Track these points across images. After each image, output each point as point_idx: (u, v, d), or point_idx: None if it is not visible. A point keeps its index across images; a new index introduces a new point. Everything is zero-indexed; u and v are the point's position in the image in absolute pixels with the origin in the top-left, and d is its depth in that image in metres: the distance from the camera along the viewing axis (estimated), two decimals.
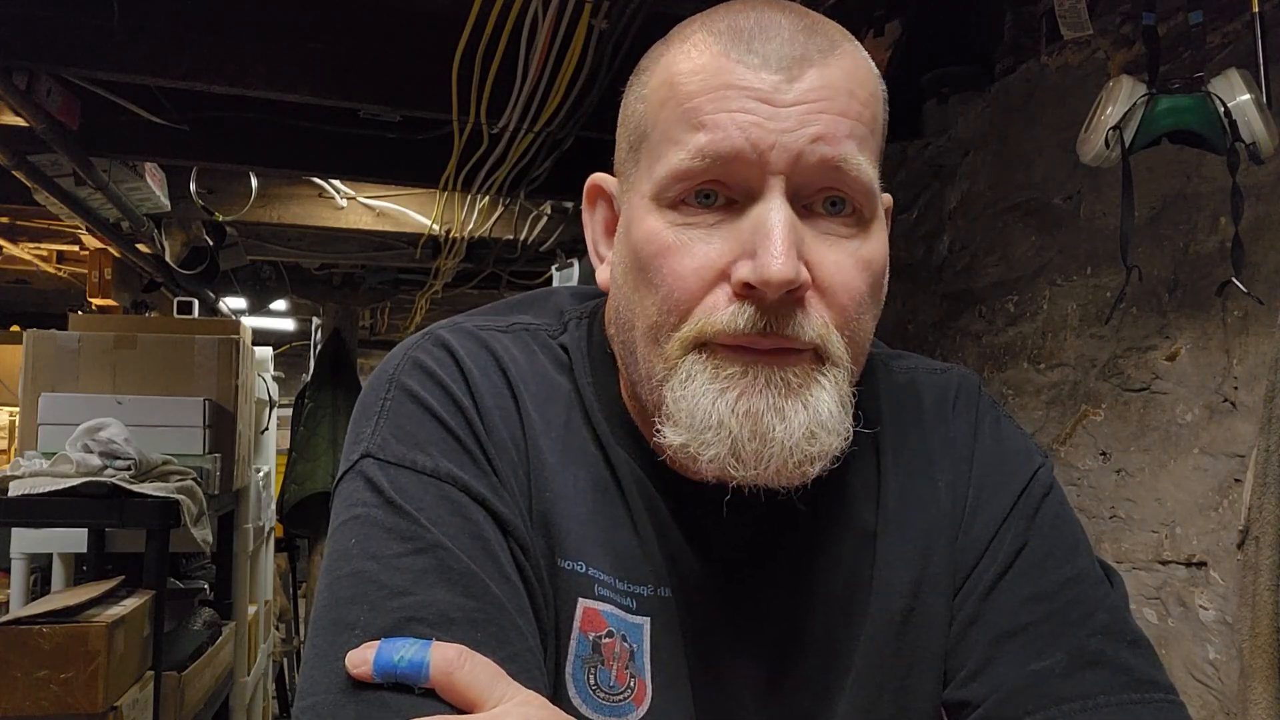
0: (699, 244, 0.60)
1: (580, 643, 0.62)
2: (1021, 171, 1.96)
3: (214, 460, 2.85)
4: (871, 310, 0.63)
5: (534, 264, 4.33)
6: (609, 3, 2.01)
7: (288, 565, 5.74)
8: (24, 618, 2.02)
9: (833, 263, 0.60)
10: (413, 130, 2.84)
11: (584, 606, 0.62)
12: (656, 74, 0.64)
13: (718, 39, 0.61)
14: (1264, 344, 1.40)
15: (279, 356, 6.22)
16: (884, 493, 0.69)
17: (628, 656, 0.62)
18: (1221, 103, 1.32)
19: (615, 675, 0.61)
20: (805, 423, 0.59)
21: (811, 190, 0.60)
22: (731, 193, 0.60)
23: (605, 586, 0.63)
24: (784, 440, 0.58)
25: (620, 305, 0.66)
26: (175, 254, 3.81)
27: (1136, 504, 1.64)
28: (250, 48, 2.28)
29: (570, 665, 0.61)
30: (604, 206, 0.71)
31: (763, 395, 0.59)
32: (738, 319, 0.58)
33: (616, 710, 0.61)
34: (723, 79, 0.59)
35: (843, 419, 0.60)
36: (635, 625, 0.63)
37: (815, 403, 0.59)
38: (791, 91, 0.58)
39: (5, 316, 5.80)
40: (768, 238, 0.57)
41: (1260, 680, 1.23)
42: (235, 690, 3.30)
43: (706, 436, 0.59)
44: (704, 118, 0.59)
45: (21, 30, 2.13)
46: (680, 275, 0.60)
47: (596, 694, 0.61)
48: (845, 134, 0.59)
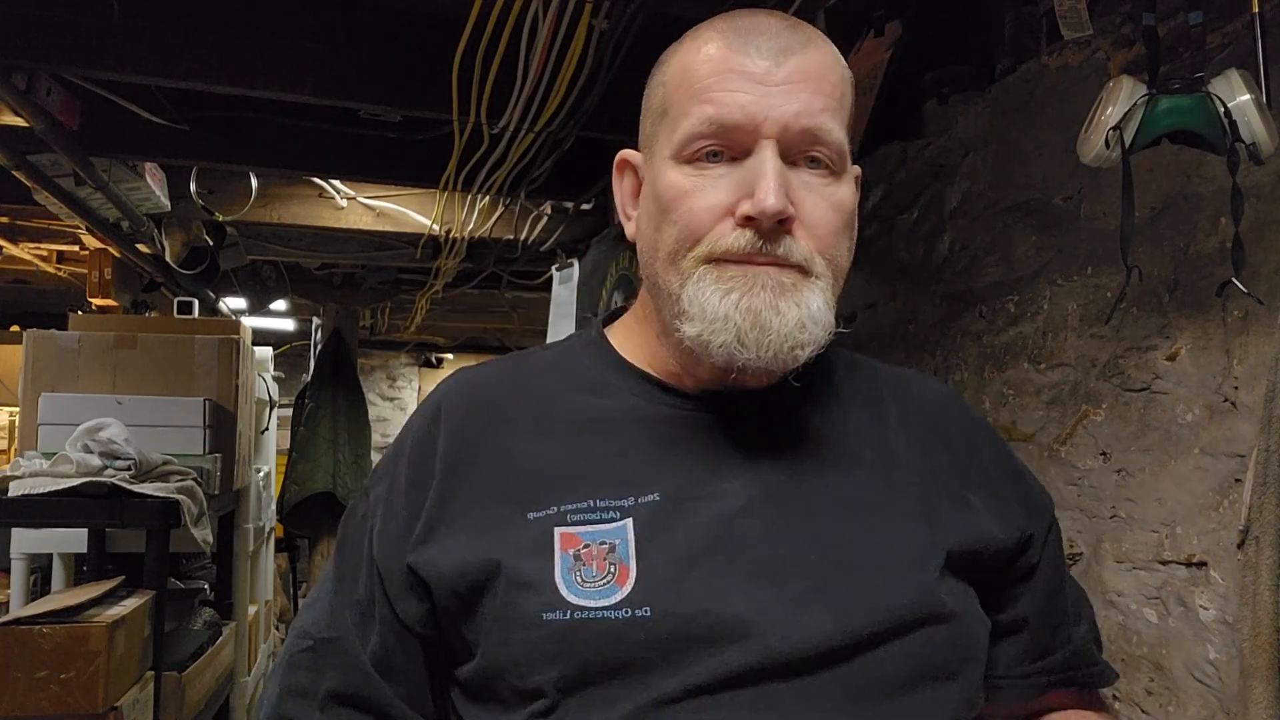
0: (709, 188, 0.76)
1: (563, 558, 0.74)
2: (1022, 171, 1.96)
3: (214, 460, 2.85)
4: (845, 243, 0.79)
5: (534, 264, 4.32)
6: (609, 3, 2.01)
7: (288, 565, 5.74)
8: (24, 618, 2.02)
9: (813, 204, 0.76)
10: (413, 130, 2.84)
11: (560, 533, 0.75)
12: (674, 64, 0.81)
13: (722, 35, 0.78)
14: (1264, 344, 1.40)
15: (279, 356, 6.22)
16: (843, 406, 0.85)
17: (606, 551, 0.73)
18: (1221, 103, 1.31)
19: (596, 567, 0.73)
20: (798, 316, 0.74)
21: (796, 151, 0.76)
22: (734, 152, 0.76)
23: (579, 512, 0.75)
24: (780, 329, 0.73)
25: (645, 246, 0.82)
26: (175, 254, 3.81)
27: (1137, 504, 1.64)
28: (250, 48, 2.27)
29: (559, 573, 0.73)
30: (630, 175, 0.87)
31: (760, 295, 0.74)
32: (740, 240, 0.74)
33: (601, 594, 0.72)
34: (726, 65, 0.76)
35: (827, 314, 0.76)
36: (616, 529, 0.74)
37: (806, 301, 0.74)
38: (778, 74, 0.75)
39: (5, 316, 5.79)
40: (763, 179, 0.73)
41: (1260, 680, 1.23)
42: (236, 690, 3.30)
43: (715, 327, 0.74)
44: (712, 95, 0.76)
45: (21, 30, 2.13)
46: (695, 211, 0.76)
47: (582, 585, 0.72)
48: (820, 108, 0.76)
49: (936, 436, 0.85)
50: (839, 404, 0.85)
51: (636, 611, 0.70)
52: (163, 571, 2.46)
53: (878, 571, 0.74)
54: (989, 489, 0.83)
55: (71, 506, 2.32)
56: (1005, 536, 0.81)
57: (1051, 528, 0.87)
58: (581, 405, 0.82)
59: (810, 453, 0.80)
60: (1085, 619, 0.88)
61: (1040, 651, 0.84)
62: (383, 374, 9.16)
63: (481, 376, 0.88)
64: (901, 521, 0.78)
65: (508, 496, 0.77)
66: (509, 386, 0.85)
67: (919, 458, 0.83)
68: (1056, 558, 0.86)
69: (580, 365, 0.86)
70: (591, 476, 0.77)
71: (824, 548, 0.75)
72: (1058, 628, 0.85)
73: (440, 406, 0.84)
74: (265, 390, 3.87)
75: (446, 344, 8.51)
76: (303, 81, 2.32)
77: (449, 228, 3.90)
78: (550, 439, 0.80)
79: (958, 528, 0.79)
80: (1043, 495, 0.89)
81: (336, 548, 0.85)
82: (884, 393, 0.87)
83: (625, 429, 0.80)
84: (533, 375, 0.87)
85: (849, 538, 0.76)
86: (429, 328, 7.17)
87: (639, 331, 0.86)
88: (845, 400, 0.85)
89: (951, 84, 2.22)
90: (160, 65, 2.23)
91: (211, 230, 3.90)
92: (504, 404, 0.83)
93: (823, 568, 0.74)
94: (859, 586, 0.73)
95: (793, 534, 0.75)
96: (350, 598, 0.80)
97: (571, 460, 0.79)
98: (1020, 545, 0.82)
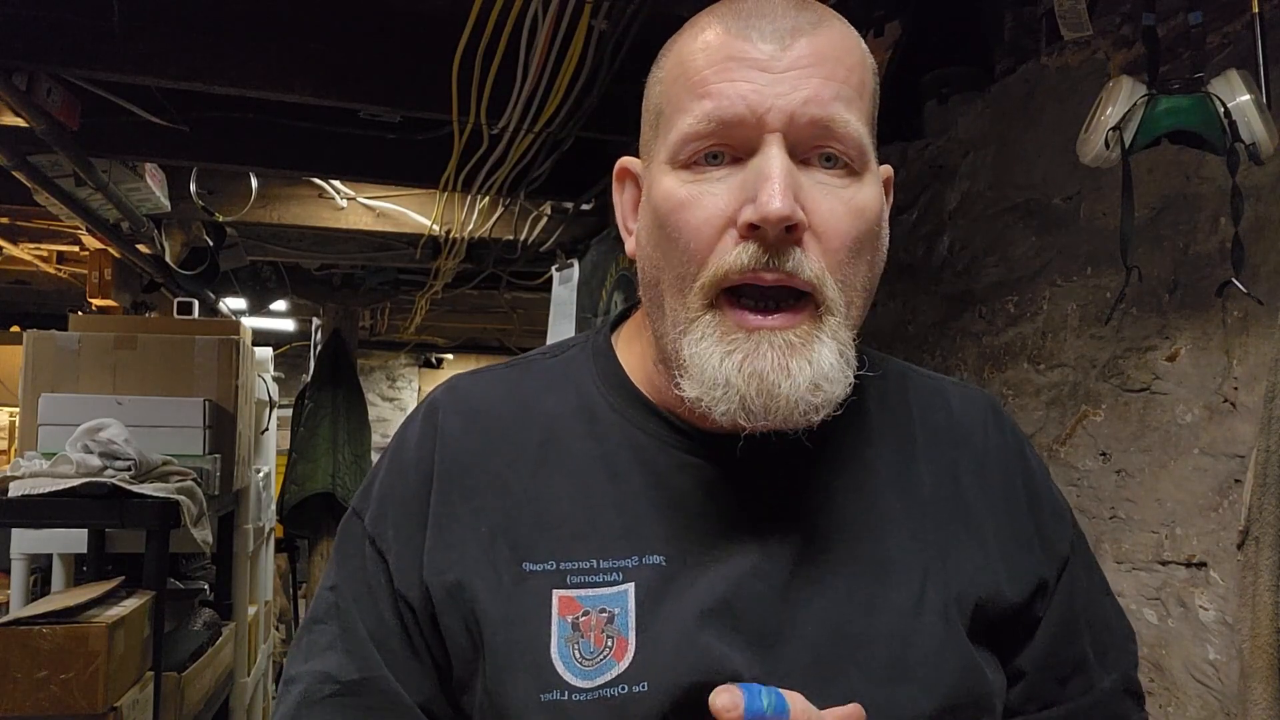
0: (708, 197, 0.67)
1: (561, 626, 0.68)
2: (1021, 172, 1.96)
3: (214, 461, 2.84)
4: (866, 257, 0.69)
5: (534, 264, 4.32)
6: (609, 3, 2.01)
7: (288, 566, 5.74)
8: (24, 618, 2.02)
9: (827, 209, 0.66)
10: (413, 130, 2.84)
11: (558, 596, 0.69)
12: (670, 58, 0.72)
13: (720, 20, 0.69)
14: (1264, 344, 1.40)
15: (279, 357, 6.22)
16: (875, 450, 0.77)
17: (604, 622, 0.68)
18: (1221, 103, 1.31)
19: (594, 640, 0.68)
20: (810, 377, 0.65)
21: (807, 146, 0.66)
22: (736, 152, 0.67)
23: (579, 574, 0.69)
24: (789, 394, 0.65)
25: (646, 266, 0.72)
26: (175, 254, 3.82)
27: (1136, 504, 1.64)
28: (250, 48, 2.27)
29: (555, 647, 0.68)
30: (630, 185, 0.78)
31: (766, 357, 0.65)
32: (743, 256, 0.65)
33: (598, 670, 0.67)
34: (725, 53, 0.67)
35: (843, 368, 0.67)
36: (617, 594, 0.69)
37: (818, 359, 0.65)
38: (784, 59, 0.66)
39: (5, 317, 5.80)
40: (766, 181, 0.64)
41: (1260, 680, 1.23)
42: (235, 691, 3.30)
43: (716, 394, 0.65)
44: (709, 87, 0.66)
45: (21, 30, 2.13)
46: (694, 225, 0.67)
47: (580, 662, 0.67)
48: (832, 96, 0.66)
49: (964, 465, 0.77)
50: (864, 445, 0.76)
51: (634, 687, 0.66)
52: (163, 572, 2.46)
53: (891, 680, 0.68)
54: (1011, 529, 0.76)
55: (71, 507, 2.31)
56: (1014, 594, 0.74)
57: (1067, 567, 0.78)
58: (586, 439, 0.75)
59: (828, 514, 0.72)
60: (1115, 669, 0.78)
61: (1040, 705, 0.77)
62: (382, 374, 9.15)
63: (481, 389, 0.79)
64: (921, 607, 0.71)
65: (505, 537, 0.71)
66: (511, 405, 0.77)
67: (943, 496, 0.75)
68: (1072, 602, 0.77)
69: (586, 386, 0.78)
70: (595, 531, 0.71)
71: (834, 627, 0.69)
72: (1067, 680, 0.77)
73: (438, 414, 0.77)
74: (265, 390, 3.86)
75: (446, 344, 8.51)
76: (302, 82, 2.32)
77: (449, 228, 3.90)
78: (553, 477, 0.73)
79: (974, 582, 0.73)
80: (1061, 532, 0.79)
81: (335, 570, 0.77)
82: (914, 413, 0.79)
83: (632, 475, 0.73)
84: (536, 394, 0.78)
85: (862, 622, 0.69)
86: (429, 328, 7.17)
87: (640, 352, 0.78)
88: (872, 438, 0.77)
89: (951, 84, 2.22)
90: (160, 65, 2.23)
91: (211, 231, 3.90)
92: (506, 425, 0.76)
93: (830, 646, 0.69)
94: (869, 681, 0.68)
95: (801, 606, 0.69)
96: (366, 631, 0.73)
97: (574, 507, 0.72)
98: (1030, 598, 0.75)
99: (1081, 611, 0.78)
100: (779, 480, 0.73)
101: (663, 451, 0.73)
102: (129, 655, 2.13)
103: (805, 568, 0.70)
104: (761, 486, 0.72)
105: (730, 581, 0.69)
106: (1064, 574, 0.77)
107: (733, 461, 0.72)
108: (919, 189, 2.32)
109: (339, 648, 0.72)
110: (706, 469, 0.72)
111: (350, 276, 5.43)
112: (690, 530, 0.71)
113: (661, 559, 0.69)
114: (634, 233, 0.76)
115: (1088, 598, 0.79)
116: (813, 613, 0.69)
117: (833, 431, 0.73)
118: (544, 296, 3.97)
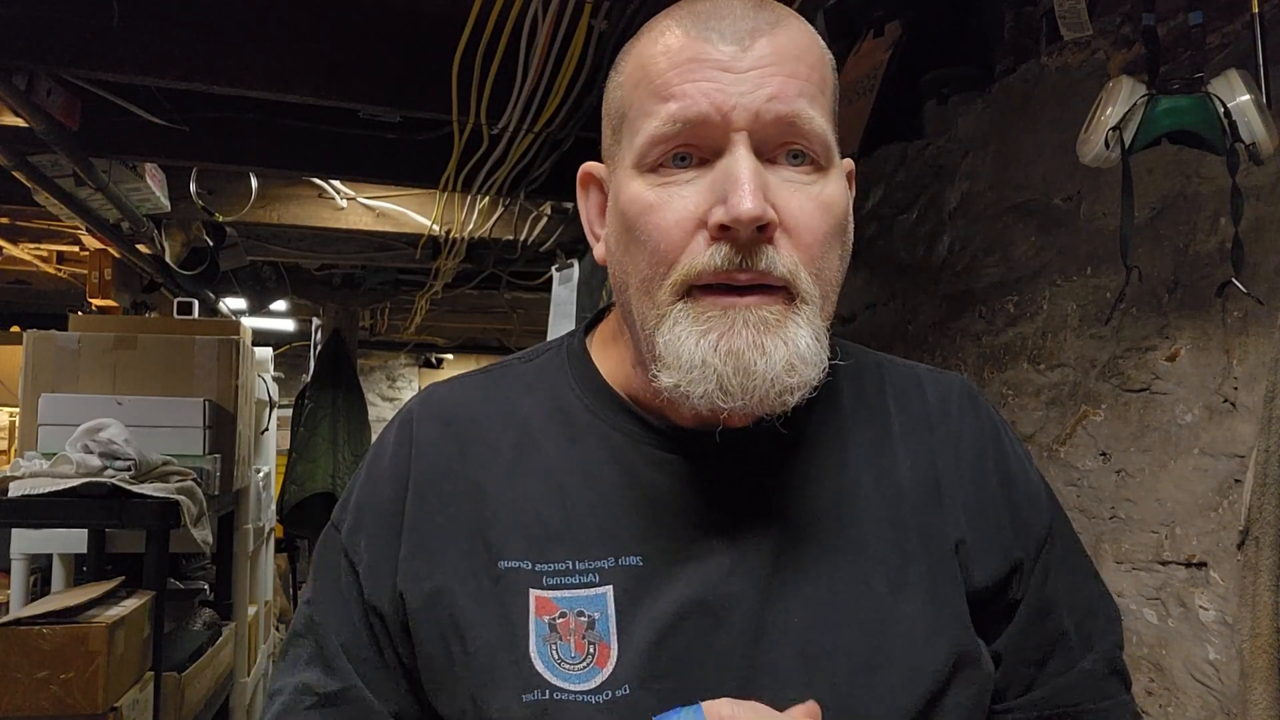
0: (677, 199, 0.67)
1: (538, 625, 0.69)
2: (1021, 172, 1.96)
3: (214, 461, 2.85)
4: (836, 250, 0.70)
5: (534, 264, 4.32)
6: (609, 3, 2.01)
7: (288, 566, 5.74)
8: (24, 618, 2.02)
9: (797, 206, 0.67)
10: (413, 130, 2.84)
11: (535, 596, 0.69)
12: (630, 61, 0.72)
13: (680, 23, 0.69)
14: (1264, 344, 1.40)
15: (279, 357, 6.22)
16: (850, 442, 0.77)
17: (584, 627, 0.68)
18: (1221, 103, 1.31)
19: (574, 646, 0.68)
20: (785, 356, 0.65)
21: (773, 145, 0.67)
22: (703, 153, 0.67)
23: (555, 575, 0.70)
24: (765, 373, 0.65)
25: (615, 270, 0.73)
26: (175, 254, 3.82)
27: (1136, 504, 1.64)
28: (249, 48, 2.27)
29: (534, 646, 0.68)
30: (595, 190, 0.78)
31: (741, 335, 0.65)
32: (715, 257, 0.65)
33: (581, 676, 0.67)
34: (686, 54, 0.67)
35: (819, 352, 0.67)
36: (595, 597, 0.69)
37: (794, 338, 0.66)
38: (746, 59, 0.66)
39: (5, 317, 5.80)
40: (736, 182, 0.64)
41: (1260, 681, 1.23)
42: (235, 691, 3.30)
43: (694, 375, 0.65)
44: (673, 89, 0.67)
45: (21, 30, 2.13)
46: (663, 228, 0.67)
47: (561, 665, 0.68)
48: (795, 93, 0.66)
49: (940, 449, 0.77)
50: (842, 435, 0.76)
51: (616, 692, 0.67)
52: (163, 572, 2.46)
53: (875, 667, 0.68)
54: (980, 510, 0.76)
55: (71, 507, 2.32)
56: (983, 576, 0.74)
57: (1044, 549, 0.77)
58: (561, 441, 0.75)
59: (805, 505, 0.73)
60: (1098, 647, 0.77)
61: (1021, 688, 0.76)
62: (382, 374, 9.16)
63: (456, 396, 0.80)
64: (903, 594, 0.71)
65: (482, 540, 0.72)
66: (486, 410, 0.78)
67: (921, 482, 0.76)
68: (1050, 583, 0.77)
69: (561, 388, 0.78)
70: (570, 533, 0.71)
71: (816, 619, 0.69)
72: (1045, 660, 0.76)
73: (412, 424, 0.78)
74: (265, 391, 3.87)
75: (446, 344, 8.52)
76: (302, 82, 2.32)
77: (449, 228, 3.90)
78: (528, 479, 0.74)
79: (953, 575, 0.73)
80: (1037, 514, 0.78)
81: (312, 584, 0.78)
82: (890, 402, 0.79)
83: (607, 475, 0.73)
84: (511, 398, 0.79)
85: (844, 612, 0.70)
86: (428, 328, 7.18)
87: (616, 354, 0.78)
88: (849, 427, 0.77)
89: (951, 84, 2.22)
90: (160, 65, 2.23)
91: (211, 231, 3.90)
92: (481, 430, 0.77)
93: (812, 636, 0.69)
94: (851, 669, 0.68)
95: (782, 600, 0.69)
96: (339, 644, 0.74)
97: (550, 508, 0.72)
98: (1004, 580, 0.75)
99: (1061, 593, 0.77)
100: (756, 472, 0.73)
101: (638, 450, 0.74)
102: (129, 655, 2.13)
103: (785, 560, 0.70)
104: (739, 479, 0.73)
105: (709, 581, 0.69)
106: (1040, 556, 0.77)
107: (709, 456, 0.72)
108: (919, 189, 2.32)
109: (317, 663, 0.74)
110: (682, 464, 0.73)
111: (350, 276, 5.43)
112: (667, 528, 0.71)
113: (639, 559, 0.70)
114: (601, 238, 0.76)
115: (1069, 579, 0.78)
116: (794, 606, 0.69)
117: (809, 422, 0.74)
118: (544, 296, 3.97)
